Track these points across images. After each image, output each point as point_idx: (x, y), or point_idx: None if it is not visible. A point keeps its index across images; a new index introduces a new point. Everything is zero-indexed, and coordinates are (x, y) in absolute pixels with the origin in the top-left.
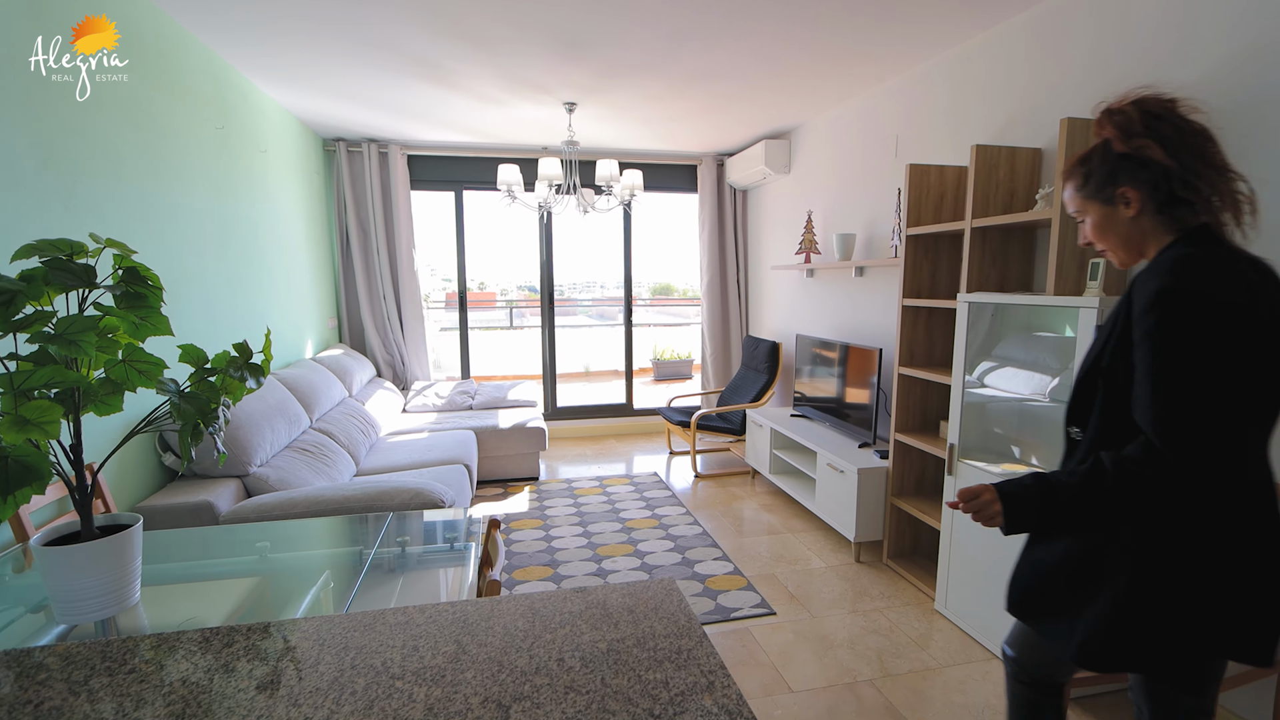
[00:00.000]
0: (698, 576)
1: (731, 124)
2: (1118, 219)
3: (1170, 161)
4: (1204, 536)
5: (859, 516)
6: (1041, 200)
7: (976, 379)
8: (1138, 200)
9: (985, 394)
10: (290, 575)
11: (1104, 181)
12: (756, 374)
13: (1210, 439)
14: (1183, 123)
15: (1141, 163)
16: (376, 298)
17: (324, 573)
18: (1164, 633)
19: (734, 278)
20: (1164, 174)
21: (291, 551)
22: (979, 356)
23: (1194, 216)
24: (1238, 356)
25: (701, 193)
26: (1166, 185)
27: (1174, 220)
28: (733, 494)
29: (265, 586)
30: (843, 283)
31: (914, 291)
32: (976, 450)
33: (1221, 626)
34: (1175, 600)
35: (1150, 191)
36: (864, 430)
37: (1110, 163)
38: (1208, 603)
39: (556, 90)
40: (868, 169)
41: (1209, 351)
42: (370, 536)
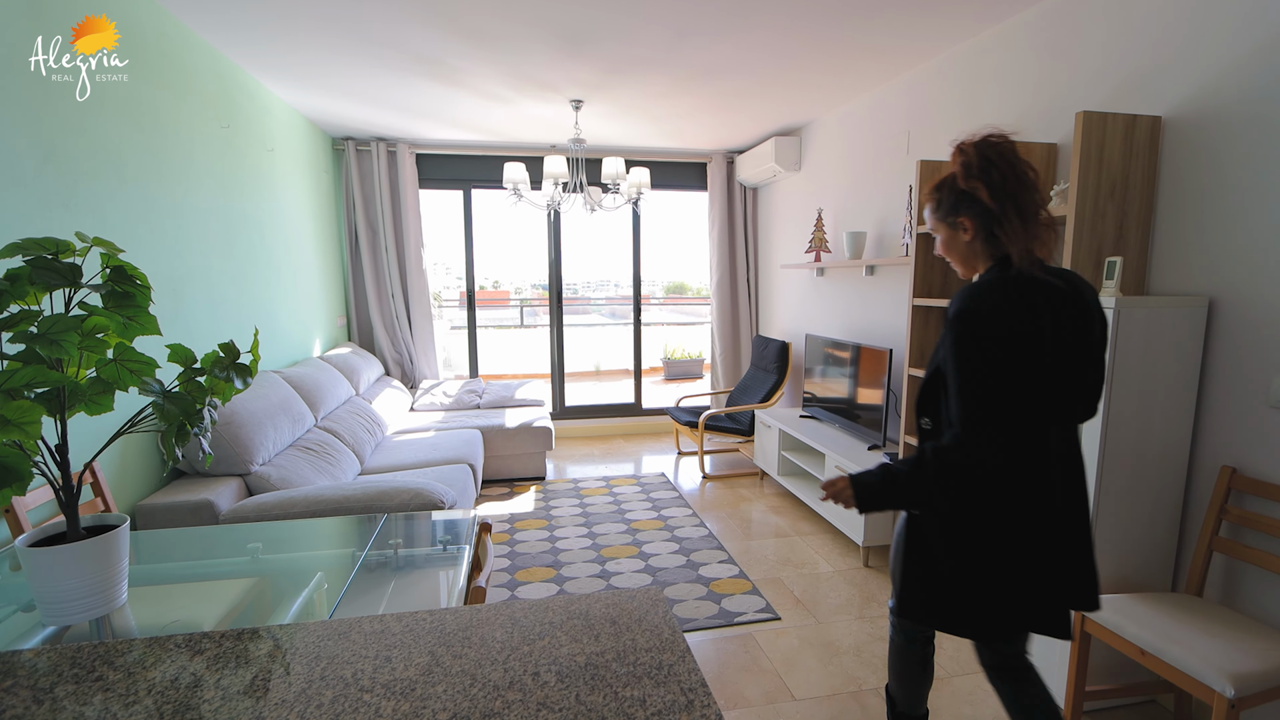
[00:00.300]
0: (702, 579)
1: (741, 121)
2: (958, 241)
3: (992, 204)
4: (999, 517)
5: (867, 520)
6: (1056, 197)
7: None
8: (971, 229)
9: None
10: (280, 578)
11: (949, 210)
12: (766, 374)
13: (996, 431)
14: (1009, 170)
15: (974, 200)
16: (385, 296)
17: (314, 575)
18: (962, 599)
19: (744, 276)
20: (987, 212)
21: (284, 553)
22: None
23: (1004, 248)
24: (1017, 366)
25: (711, 191)
26: (988, 222)
27: (993, 248)
28: (741, 496)
29: (254, 589)
30: (853, 282)
31: (925, 291)
32: None
33: (1015, 600)
34: (974, 572)
35: (980, 224)
36: (874, 432)
37: (955, 195)
38: (1004, 577)
39: (562, 87)
40: (879, 166)
41: (991, 363)
42: (365, 538)
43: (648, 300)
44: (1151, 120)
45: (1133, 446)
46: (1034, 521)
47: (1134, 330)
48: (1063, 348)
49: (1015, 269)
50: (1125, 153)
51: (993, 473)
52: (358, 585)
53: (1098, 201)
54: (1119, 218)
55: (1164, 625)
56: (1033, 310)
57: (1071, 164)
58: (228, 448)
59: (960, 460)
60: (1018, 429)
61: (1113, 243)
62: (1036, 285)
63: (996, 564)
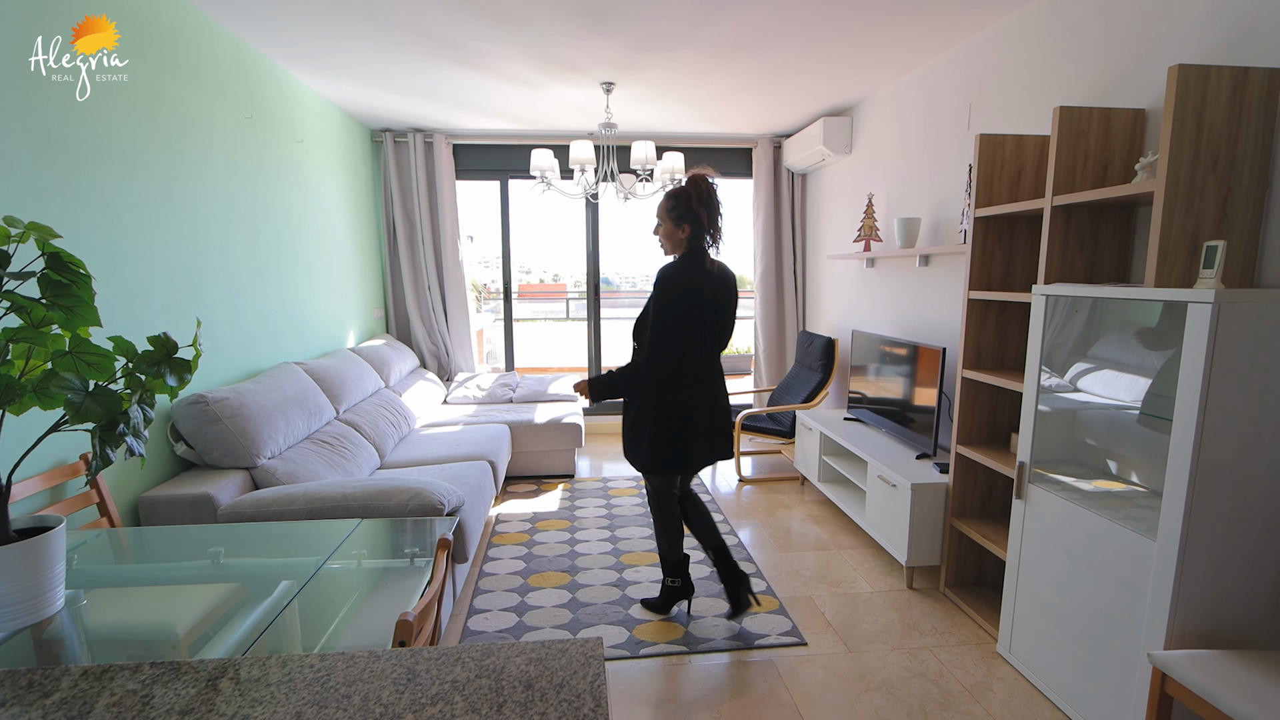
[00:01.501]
0: (724, 594)
1: (786, 101)
2: (676, 235)
3: (707, 223)
4: (672, 404)
5: (912, 537)
6: (1143, 171)
7: (1069, 382)
8: (689, 231)
9: (1077, 399)
10: (229, 588)
11: (680, 216)
12: (810, 372)
13: (666, 353)
14: (715, 201)
15: (697, 216)
16: (421, 288)
17: (267, 586)
18: (657, 452)
19: (790, 268)
20: (701, 225)
21: (246, 558)
22: (1073, 357)
23: (697, 245)
24: (682, 315)
25: (756, 177)
26: (699, 230)
27: (690, 243)
28: (778, 502)
29: (198, 598)
30: (905, 273)
31: (983, 283)
32: (1063, 464)
33: (682, 451)
34: (661, 436)
35: (695, 230)
36: (924, 439)
37: (686, 207)
38: (675, 438)
39: (590, 68)
40: (936, 145)
41: (672, 310)
42: (336, 544)
43: None
44: (1268, 74)
45: (1235, 470)
46: (691, 406)
47: (1238, 331)
48: (713, 308)
49: (694, 257)
50: (1232, 114)
51: (664, 377)
52: (303, 601)
53: (1195, 174)
54: (1221, 193)
55: (1267, 693)
56: (698, 283)
57: (1162, 130)
58: (234, 440)
59: (647, 369)
60: (679, 351)
61: (1213, 224)
62: (702, 269)
63: (671, 431)
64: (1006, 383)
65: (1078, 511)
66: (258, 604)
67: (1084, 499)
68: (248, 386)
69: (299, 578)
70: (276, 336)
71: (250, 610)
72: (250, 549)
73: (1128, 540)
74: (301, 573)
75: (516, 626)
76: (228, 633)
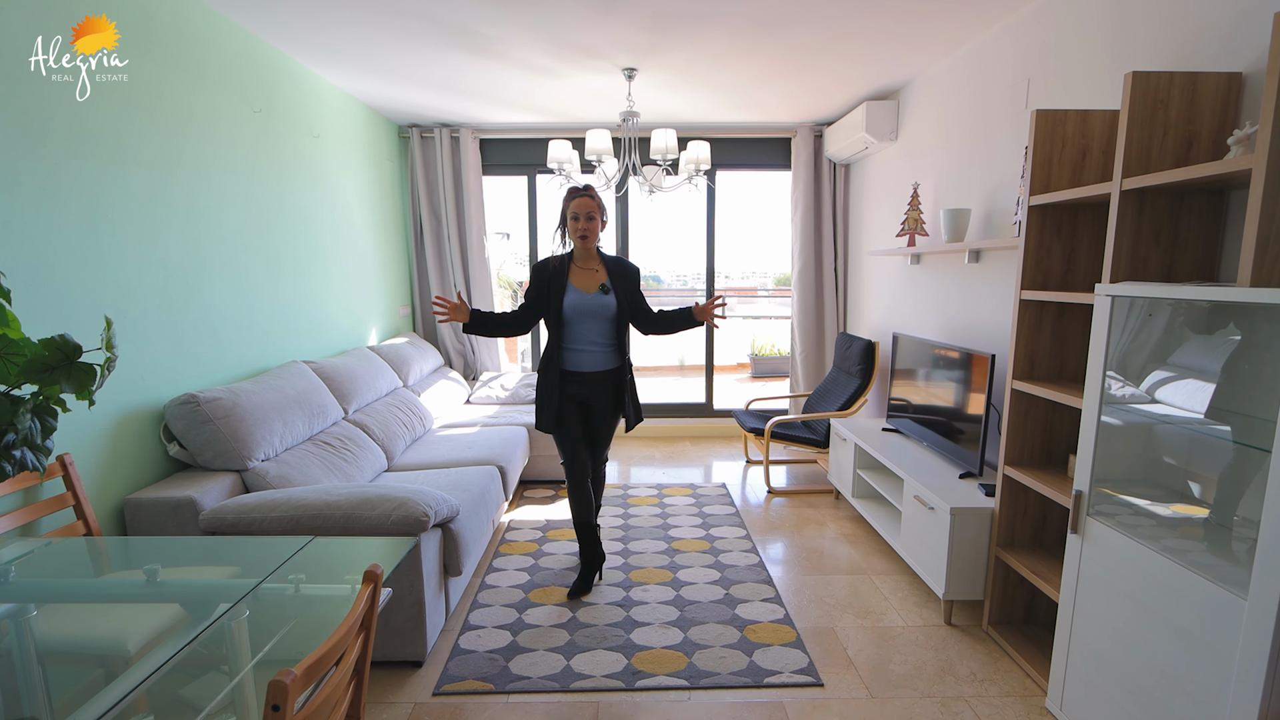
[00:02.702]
0: (736, 621)
1: (824, 85)
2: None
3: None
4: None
5: (951, 567)
6: (1238, 146)
7: (1144, 392)
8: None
9: (1149, 412)
10: (149, 608)
11: (603, 215)
12: (848, 377)
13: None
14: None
15: (605, 217)
16: (448, 285)
17: (195, 610)
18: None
19: (830, 266)
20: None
21: (184, 573)
22: (1150, 365)
23: None
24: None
25: (795, 168)
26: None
27: None
28: (808, 517)
29: (116, 620)
30: (953, 270)
31: (1038, 281)
32: (1136, 483)
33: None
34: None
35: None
36: (970, 455)
37: (604, 210)
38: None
39: (609, 53)
40: (989, 127)
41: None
42: (284, 562)
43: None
44: None
45: None
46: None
47: None
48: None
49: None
50: None
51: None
52: (217, 635)
53: None
54: None
55: None
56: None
57: (1264, 94)
58: (225, 442)
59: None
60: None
61: None
62: None
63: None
64: (1063, 397)
65: (1146, 554)
66: (181, 632)
67: (1154, 538)
68: (244, 386)
69: (210, 603)
70: (288, 335)
71: (171, 639)
72: (184, 560)
73: (1209, 594)
74: (217, 596)
75: (509, 647)
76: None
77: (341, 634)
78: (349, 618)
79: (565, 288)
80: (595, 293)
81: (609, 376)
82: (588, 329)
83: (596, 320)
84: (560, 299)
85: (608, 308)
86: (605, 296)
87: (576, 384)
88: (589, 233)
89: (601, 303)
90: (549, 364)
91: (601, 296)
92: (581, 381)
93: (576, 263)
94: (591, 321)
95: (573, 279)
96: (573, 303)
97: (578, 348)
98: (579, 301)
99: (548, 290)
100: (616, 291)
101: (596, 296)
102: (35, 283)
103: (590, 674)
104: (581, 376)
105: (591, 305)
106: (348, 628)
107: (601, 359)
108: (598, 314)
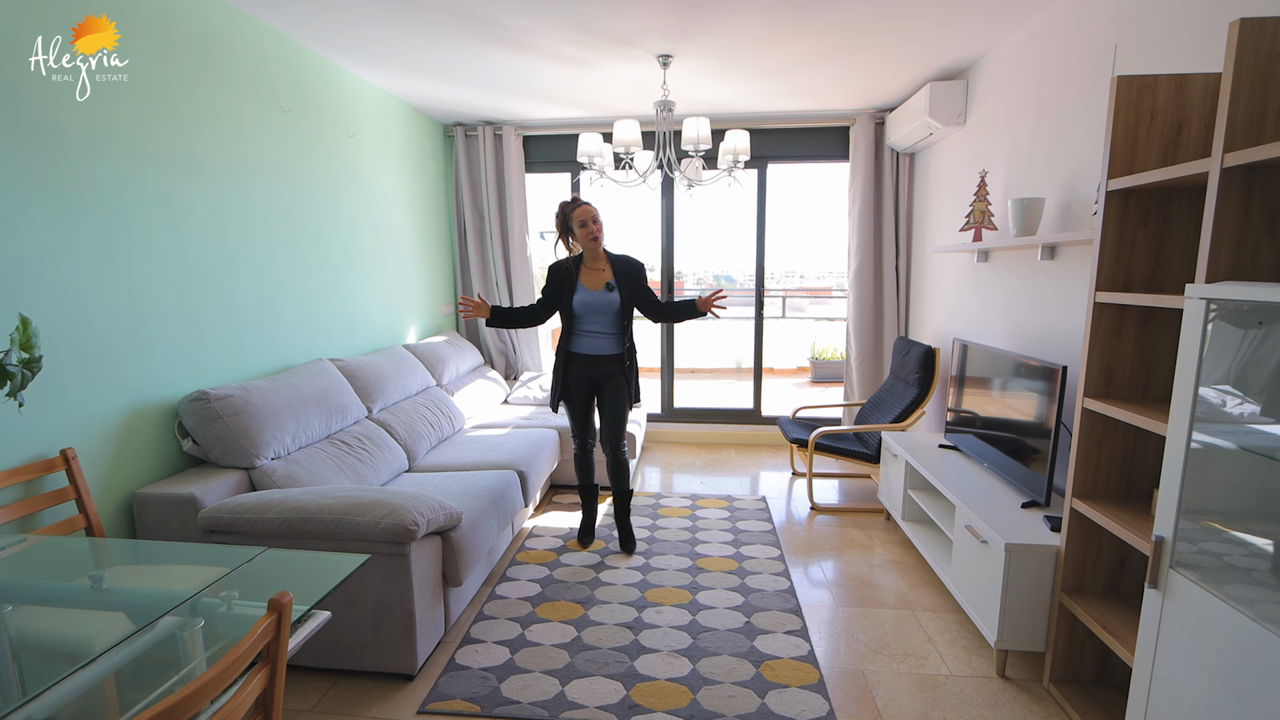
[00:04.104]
0: (754, 656)
1: (880, 66)
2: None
3: None
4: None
5: (1005, 611)
6: None
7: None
8: None
9: (1274, 434)
10: (79, 619)
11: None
12: (905, 386)
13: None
14: None
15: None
16: (490, 284)
17: (109, 628)
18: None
19: (891, 264)
20: None
21: (131, 582)
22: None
23: None
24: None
25: (853, 159)
26: None
27: None
28: (853, 539)
29: (45, 625)
30: (1025, 268)
31: (1118, 280)
32: (1249, 516)
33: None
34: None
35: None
36: (1035, 477)
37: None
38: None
39: (640, 39)
40: (1068, 105)
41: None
42: (240, 577)
43: (800, 292)
44: None
45: None
46: None
47: None
48: None
49: None
50: None
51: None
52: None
53: None
54: None
55: None
56: None
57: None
58: (234, 439)
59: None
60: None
61: None
62: None
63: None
64: (1147, 421)
65: (1244, 624)
66: (98, 645)
67: (1252, 603)
68: (259, 384)
69: (139, 615)
70: (317, 333)
71: (84, 654)
72: (152, 572)
73: None
74: (150, 610)
75: (505, 665)
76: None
77: (197, 687)
78: (214, 669)
79: (575, 287)
80: (601, 290)
81: (612, 361)
82: (594, 321)
83: (602, 314)
84: (570, 297)
85: (612, 303)
86: (610, 294)
87: (583, 366)
88: (599, 234)
89: (607, 299)
90: (561, 352)
91: (607, 294)
92: (588, 364)
93: (585, 263)
94: (597, 315)
95: (582, 279)
96: (581, 300)
97: (585, 336)
98: (587, 299)
99: (560, 289)
100: (620, 288)
101: (602, 294)
102: (42, 282)
103: (584, 704)
104: (587, 359)
105: (598, 301)
106: (208, 679)
107: (605, 344)
108: (603, 309)
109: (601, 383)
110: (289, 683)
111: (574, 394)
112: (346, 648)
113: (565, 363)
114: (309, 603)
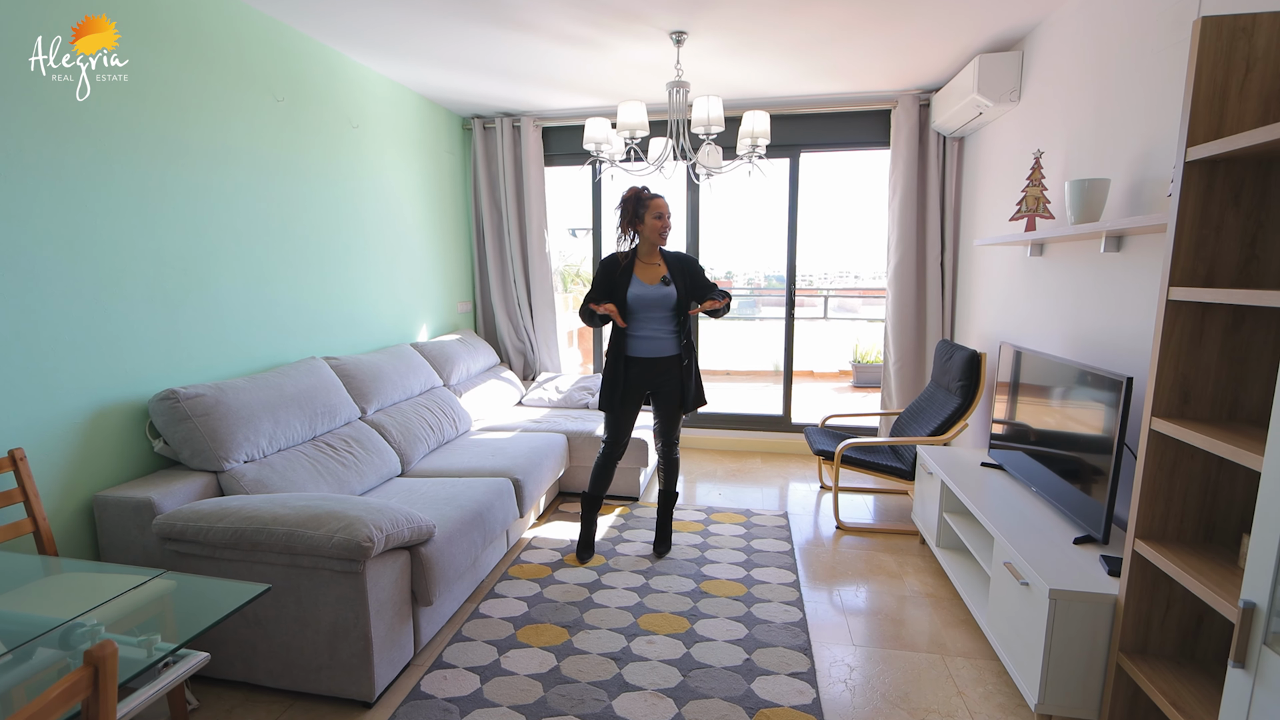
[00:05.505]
0: (749, 700)
1: (919, 39)
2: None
3: None
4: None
5: (1050, 669)
6: None
7: None
8: None
9: None
10: None
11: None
12: (947, 395)
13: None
14: None
15: None
16: (508, 282)
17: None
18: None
19: (936, 260)
20: None
21: (19, 606)
22: None
23: None
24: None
25: (894, 145)
26: None
27: None
28: (882, 564)
29: None
30: (1086, 261)
31: (1199, 274)
32: None
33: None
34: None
35: None
36: (1093, 511)
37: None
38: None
39: (649, 15)
40: (1139, 69)
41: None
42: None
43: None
44: None
45: None
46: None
47: None
48: None
49: None
50: None
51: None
52: None
53: None
54: None
55: None
56: None
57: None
58: (201, 440)
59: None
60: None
61: None
62: None
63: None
64: (1235, 451)
65: None
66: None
67: None
68: (237, 383)
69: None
70: (314, 331)
71: None
72: (48, 592)
73: None
74: (19, 635)
75: (472, 696)
76: None
77: None
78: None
79: (630, 280)
80: (657, 285)
81: (670, 363)
82: (649, 319)
83: (658, 310)
84: (625, 291)
85: (669, 298)
86: (666, 288)
87: (640, 369)
88: (667, 230)
89: (663, 294)
90: (615, 350)
91: (663, 288)
92: (645, 367)
93: (641, 258)
94: (654, 311)
95: (637, 272)
96: (636, 294)
97: (641, 335)
98: (642, 293)
99: (613, 283)
100: (676, 283)
101: (658, 288)
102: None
103: None
104: (644, 363)
105: (653, 296)
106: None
107: (663, 346)
108: (659, 304)
109: (659, 387)
110: (245, 701)
111: (628, 402)
112: (303, 669)
113: (622, 367)
114: (181, 639)
